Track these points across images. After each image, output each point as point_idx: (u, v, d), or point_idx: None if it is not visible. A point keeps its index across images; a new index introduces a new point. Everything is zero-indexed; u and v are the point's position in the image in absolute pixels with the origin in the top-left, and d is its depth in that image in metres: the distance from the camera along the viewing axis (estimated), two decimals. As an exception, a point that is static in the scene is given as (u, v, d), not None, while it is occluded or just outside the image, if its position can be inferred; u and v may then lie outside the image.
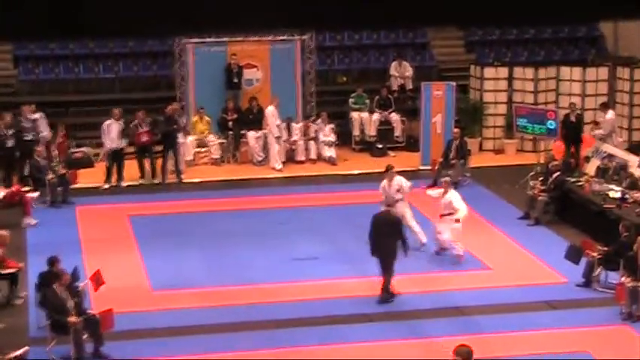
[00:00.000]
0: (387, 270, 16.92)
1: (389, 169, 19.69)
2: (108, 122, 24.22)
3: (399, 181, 19.40)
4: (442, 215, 19.09)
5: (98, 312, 15.46)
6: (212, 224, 21.17)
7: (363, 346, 15.44)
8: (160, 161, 24.62)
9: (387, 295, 16.97)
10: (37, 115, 24.50)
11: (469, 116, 27.25)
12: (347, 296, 17.21)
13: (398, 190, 19.26)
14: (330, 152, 26.32)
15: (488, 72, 27.84)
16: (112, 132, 24.16)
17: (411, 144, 27.07)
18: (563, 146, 24.29)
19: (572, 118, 24.80)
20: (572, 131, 24.54)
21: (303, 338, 15.65)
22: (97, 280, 16.37)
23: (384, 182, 19.46)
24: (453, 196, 19.06)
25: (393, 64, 28.65)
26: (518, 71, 27.67)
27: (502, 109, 27.56)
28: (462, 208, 18.83)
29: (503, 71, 27.75)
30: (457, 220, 18.80)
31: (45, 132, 24.50)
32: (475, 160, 25.09)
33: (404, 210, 19.21)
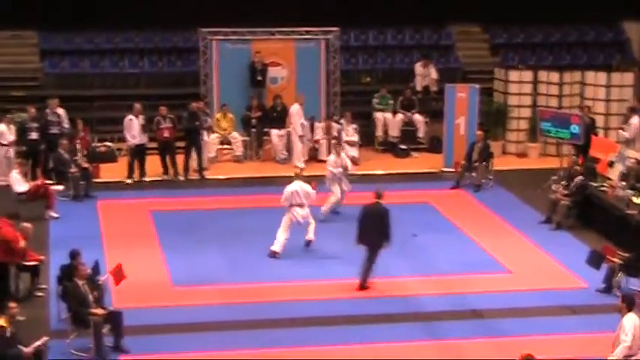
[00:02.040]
0: (370, 260, 17.39)
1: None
2: (129, 117, 24.31)
3: (306, 187, 19.56)
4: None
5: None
6: (234, 221, 21.23)
7: (382, 346, 15.44)
8: (182, 157, 24.70)
9: (364, 284, 17.47)
10: (61, 110, 24.63)
11: (493, 119, 27.22)
12: (367, 296, 17.28)
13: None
14: (352, 152, 26.32)
15: (513, 75, 27.80)
16: (133, 127, 24.25)
17: (434, 145, 27.05)
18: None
19: (587, 121, 24.65)
20: (585, 134, 24.39)
21: (323, 337, 15.66)
22: (118, 274, 16.43)
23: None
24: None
25: (418, 64, 28.64)
26: (542, 75, 27.63)
27: (526, 112, 27.52)
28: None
29: (528, 75, 27.71)
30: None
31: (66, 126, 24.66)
32: (498, 163, 25.04)
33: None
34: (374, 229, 17.47)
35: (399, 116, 27.56)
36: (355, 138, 26.60)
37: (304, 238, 19.45)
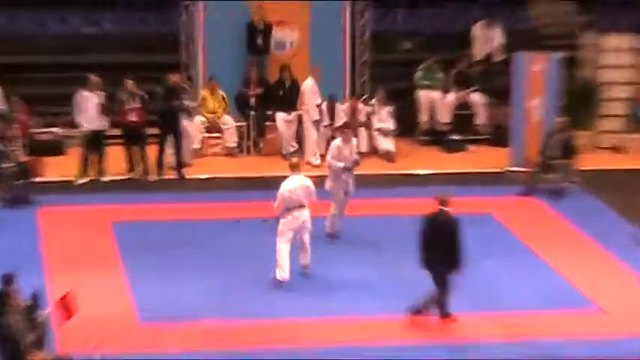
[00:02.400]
0: (442, 286, 17.53)
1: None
2: (84, 94, 24.38)
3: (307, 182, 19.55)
4: None
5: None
6: (223, 236, 21.32)
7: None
8: (155, 149, 24.72)
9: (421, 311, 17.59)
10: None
11: (579, 101, 27.16)
12: (407, 342, 17.21)
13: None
14: (386, 144, 26.36)
15: (609, 41, 27.75)
16: (89, 108, 24.31)
17: (499, 136, 27.04)
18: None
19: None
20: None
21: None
22: (66, 307, 16.38)
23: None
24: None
25: (478, 25, 28.61)
26: (649, 42, 27.65)
27: (625, 92, 27.45)
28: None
29: (629, 41, 27.64)
30: None
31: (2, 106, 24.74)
32: (586, 162, 25.01)
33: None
34: (441, 246, 17.47)
35: (451, 96, 27.55)
36: (390, 125, 26.60)
37: (298, 263, 19.48)
